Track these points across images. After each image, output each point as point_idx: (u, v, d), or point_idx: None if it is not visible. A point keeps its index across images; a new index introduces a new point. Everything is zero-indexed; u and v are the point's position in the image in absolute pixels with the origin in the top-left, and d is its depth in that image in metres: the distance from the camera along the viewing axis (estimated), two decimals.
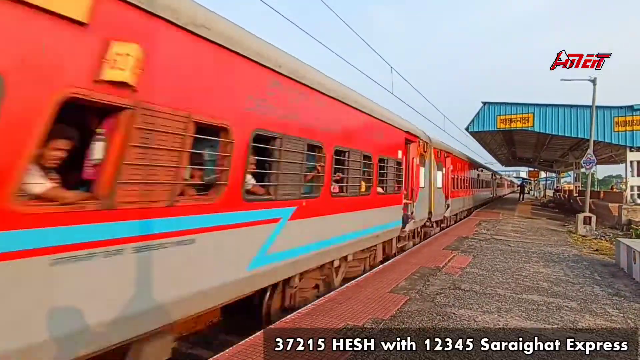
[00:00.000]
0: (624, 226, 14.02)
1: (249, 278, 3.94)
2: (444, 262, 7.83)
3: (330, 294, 5.50)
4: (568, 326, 4.50)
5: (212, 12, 3.45)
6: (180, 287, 3.15)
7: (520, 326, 4.44)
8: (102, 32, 2.44)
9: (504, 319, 4.69)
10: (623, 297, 5.76)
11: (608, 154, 21.37)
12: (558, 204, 31.16)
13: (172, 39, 2.96)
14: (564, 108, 16.65)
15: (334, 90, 5.55)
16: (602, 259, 8.85)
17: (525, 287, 6.18)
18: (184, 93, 3.09)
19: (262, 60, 3.93)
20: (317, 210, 5.14)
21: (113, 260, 2.60)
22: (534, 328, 4.39)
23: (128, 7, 2.59)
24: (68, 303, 2.40)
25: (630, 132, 15.39)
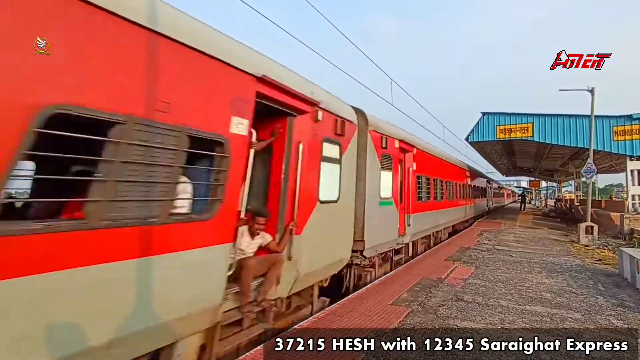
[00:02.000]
0: (626, 235, 13.94)
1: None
2: (446, 273, 7.77)
3: (332, 307, 5.45)
4: (573, 338, 4.45)
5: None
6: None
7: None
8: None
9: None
10: (627, 308, 5.70)
11: (608, 163, 21.42)
12: (559, 213, 31.05)
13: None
14: (563, 118, 16.75)
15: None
16: (605, 269, 8.78)
17: (529, 298, 6.13)
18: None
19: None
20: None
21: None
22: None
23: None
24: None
25: (630, 141, 15.48)
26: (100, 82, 2.53)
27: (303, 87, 4.66)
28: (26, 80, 2.16)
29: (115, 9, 2.58)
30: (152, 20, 2.84)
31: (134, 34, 2.74)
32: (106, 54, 2.58)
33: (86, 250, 2.48)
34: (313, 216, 5.00)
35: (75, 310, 2.46)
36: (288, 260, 4.53)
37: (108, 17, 2.55)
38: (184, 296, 3.17)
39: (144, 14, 2.81)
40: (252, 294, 4.06)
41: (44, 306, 2.31)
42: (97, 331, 2.56)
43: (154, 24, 2.86)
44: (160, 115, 2.89)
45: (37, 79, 2.20)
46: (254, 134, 4.23)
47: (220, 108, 3.46)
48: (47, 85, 2.24)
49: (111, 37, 2.60)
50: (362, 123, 6.70)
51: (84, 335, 2.48)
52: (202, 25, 3.45)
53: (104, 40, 2.57)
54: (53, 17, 2.27)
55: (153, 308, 2.89)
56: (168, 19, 3.03)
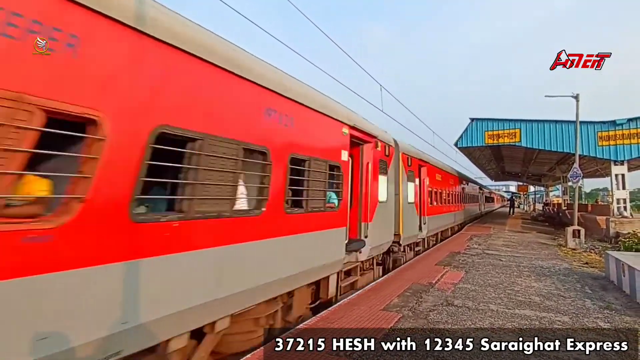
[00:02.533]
0: (612, 238, 14.20)
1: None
2: (437, 278, 7.80)
3: (323, 313, 5.42)
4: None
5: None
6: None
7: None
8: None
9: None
10: (614, 310, 5.78)
11: (594, 167, 21.85)
12: (547, 217, 31.52)
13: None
14: (549, 123, 17.04)
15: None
16: (592, 272, 8.91)
17: (518, 302, 6.18)
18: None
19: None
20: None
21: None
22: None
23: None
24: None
25: (614, 146, 15.79)
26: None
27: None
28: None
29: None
30: (324, 107, 5.57)
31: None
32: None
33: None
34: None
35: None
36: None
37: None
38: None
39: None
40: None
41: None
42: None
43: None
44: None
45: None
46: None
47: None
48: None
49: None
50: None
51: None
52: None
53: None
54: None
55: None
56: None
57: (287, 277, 4.62)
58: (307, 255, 5.10)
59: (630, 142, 15.58)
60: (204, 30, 3.51)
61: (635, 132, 15.54)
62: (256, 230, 4.03)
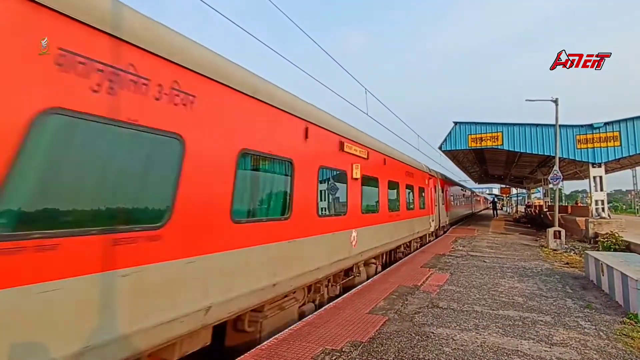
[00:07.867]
0: (591, 239, 14.55)
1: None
2: (422, 280, 7.84)
3: (308, 318, 5.38)
4: (543, 341, 4.55)
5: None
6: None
7: (497, 342, 4.45)
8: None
9: (481, 336, 4.69)
10: (594, 309, 5.90)
11: (573, 170, 22.39)
12: (530, 219, 32.16)
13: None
14: (530, 127, 17.41)
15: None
16: (572, 272, 9.10)
17: (502, 302, 6.25)
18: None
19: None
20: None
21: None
22: (511, 344, 4.41)
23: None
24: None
25: (592, 149, 16.22)
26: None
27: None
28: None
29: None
30: (420, 167, 14.84)
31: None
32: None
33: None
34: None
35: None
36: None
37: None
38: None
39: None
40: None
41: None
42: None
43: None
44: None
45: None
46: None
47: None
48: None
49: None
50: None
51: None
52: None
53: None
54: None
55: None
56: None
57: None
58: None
59: (607, 145, 16.04)
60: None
61: (612, 135, 16.02)
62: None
